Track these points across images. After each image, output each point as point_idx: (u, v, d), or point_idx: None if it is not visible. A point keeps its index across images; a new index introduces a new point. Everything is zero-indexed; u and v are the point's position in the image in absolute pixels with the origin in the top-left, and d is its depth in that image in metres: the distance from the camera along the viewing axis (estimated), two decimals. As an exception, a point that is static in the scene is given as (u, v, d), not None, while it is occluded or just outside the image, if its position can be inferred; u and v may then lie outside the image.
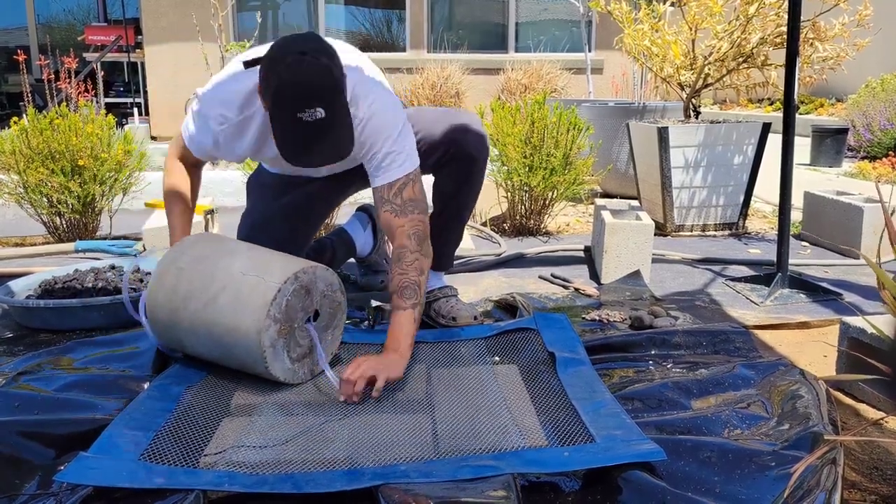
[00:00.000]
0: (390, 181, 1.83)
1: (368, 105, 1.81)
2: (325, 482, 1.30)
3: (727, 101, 9.62)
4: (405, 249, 1.81)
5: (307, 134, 1.61)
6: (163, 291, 1.79)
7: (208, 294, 1.72)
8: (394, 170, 1.83)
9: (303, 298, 1.74)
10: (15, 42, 10.15)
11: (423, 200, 1.86)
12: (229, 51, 5.67)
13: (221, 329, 1.69)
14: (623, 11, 3.98)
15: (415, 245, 1.81)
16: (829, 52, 3.57)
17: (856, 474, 1.45)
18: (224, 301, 1.70)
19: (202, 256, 1.80)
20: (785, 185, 2.55)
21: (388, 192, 1.83)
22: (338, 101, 1.63)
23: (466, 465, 1.34)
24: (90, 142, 3.33)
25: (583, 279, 2.79)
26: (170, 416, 1.56)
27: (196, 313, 1.72)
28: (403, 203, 1.83)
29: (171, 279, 1.78)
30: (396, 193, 1.83)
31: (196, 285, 1.74)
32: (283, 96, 1.60)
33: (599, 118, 4.43)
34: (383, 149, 1.82)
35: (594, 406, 1.59)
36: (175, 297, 1.76)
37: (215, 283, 1.72)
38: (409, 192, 1.83)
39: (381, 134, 1.81)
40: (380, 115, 1.82)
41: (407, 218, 1.82)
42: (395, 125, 1.83)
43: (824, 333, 2.25)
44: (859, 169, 5.49)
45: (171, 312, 1.77)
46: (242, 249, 1.82)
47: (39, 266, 2.91)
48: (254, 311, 1.66)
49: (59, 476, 1.30)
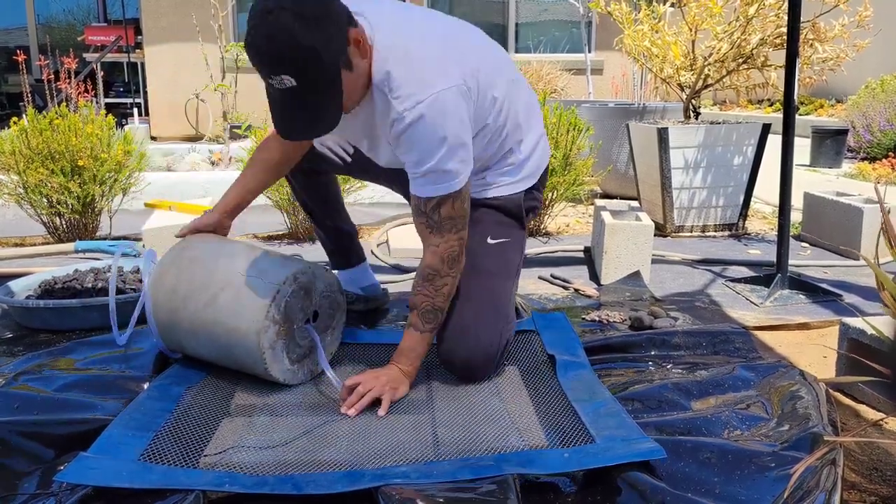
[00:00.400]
0: (428, 196, 1.61)
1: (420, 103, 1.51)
2: (325, 483, 1.30)
3: (727, 102, 9.62)
4: (436, 273, 1.65)
5: (279, 101, 1.47)
6: (163, 291, 1.78)
7: (208, 294, 1.71)
8: (435, 186, 1.60)
9: (302, 299, 1.74)
10: (15, 42, 10.15)
11: (463, 217, 1.64)
12: (229, 51, 5.67)
13: (221, 329, 1.69)
14: (623, 12, 3.98)
15: (447, 269, 1.65)
16: (828, 53, 3.57)
17: (855, 475, 1.45)
18: (223, 301, 1.70)
19: (202, 257, 1.79)
20: (785, 185, 2.55)
21: (425, 205, 1.62)
22: (315, 70, 1.42)
23: (467, 466, 1.35)
24: (90, 142, 3.33)
25: (583, 280, 2.79)
26: (170, 417, 1.56)
27: (196, 314, 1.72)
28: (441, 220, 1.62)
29: (171, 279, 1.78)
30: (434, 209, 1.61)
31: (196, 285, 1.74)
32: (252, 58, 1.44)
33: (599, 119, 4.43)
34: (425, 163, 1.56)
35: (594, 406, 1.59)
36: (175, 298, 1.76)
37: (215, 284, 1.72)
38: (448, 209, 1.61)
39: (425, 144, 1.54)
40: (431, 121, 1.52)
41: (443, 238, 1.63)
42: (445, 140, 1.54)
43: (824, 334, 2.25)
44: (859, 170, 5.49)
45: (171, 313, 1.77)
46: (242, 250, 1.81)
47: (39, 266, 2.91)
48: (253, 312, 1.66)
49: (59, 476, 1.30)
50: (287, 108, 1.47)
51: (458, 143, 1.57)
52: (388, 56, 1.53)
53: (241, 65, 5.72)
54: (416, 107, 1.51)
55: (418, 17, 1.70)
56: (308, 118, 1.48)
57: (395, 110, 1.53)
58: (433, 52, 1.57)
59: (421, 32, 1.63)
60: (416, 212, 1.65)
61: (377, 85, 1.55)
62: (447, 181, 1.59)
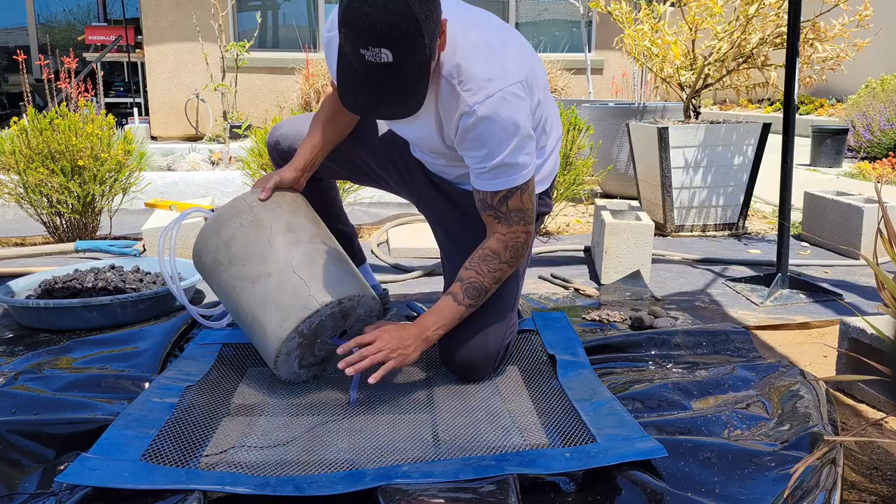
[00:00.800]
0: (494, 190, 1.60)
1: (491, 97, 1.50)
2: (327, 484, 1.30)
3: (727, 102, 9.62)
4: (495, 256, 1.65)
5: (366, 75, 1.39)
6: (216, 239, 1.74)
7: (253, 270, 1.67)
8: (501, 180, 1.58)
9: (337, 320, 1.70)
10: (15, 42, 10.15)
11: (531, 210, 1.63)
12: (229, 51, 5.67)
13: (249, 313, 1.67)
14: (623, 12, 3.98)
15: (507, 256, 1.65)
16: (828, 53, 3.58)
17: (855, 475, 1.45)
18: (264, 288, 1.65)
19: (269, 225, 1.71)
20: (785, 185, 2.55)
21: (491, 198, 1.61)
22: (414, 50, 1.37)
23: (468, 466, 1.35)
24: (90, 142, 3.33)
25: (583, 279, 2.79)
26: (170, 417, 1.56)
27: (235, 280, 1.69)
28: (508, 212, 1.61)
29: (229, 232, 1.73)
30: (501, 201, 1.61)
31: (246, 253, 1.69)
32: (349, 24, 1.36)
33: (599, 118, 4.43)
34: (495, 156, 1.55)
35: (594, 405, 1.59)
36: (223, 253, 1.72)
37: (264, 264, 1.67)
38: (517, 201, 1.61)
39: (496, 139, 1.53)
40: (504, 115, 1.51)
41: (510, 228, 1.63)
42: (517, 133, 1.53)
43: (824, 334, 2.26)
44: (859, 169, 5.49)
45: (215, 263, 1.74)
46: (307, 238, 1.72)
47: (39, 266, 2.91)
48: (284, 319, 1.62)
49: (60, 477, 1.29)
50: (373, 84, 1.40)
51: (527, 134, 1.56)
52: (458, 48, 1.52)
53: (241, 64, 5.72)
54: (487, 100, 1.50)
55: (478, 12, 1.66)
56: (393, 98, 1.42)
57: (466, 103, 1.51)
58: (499, 48, 1.57)
59: (486, 28, 1.61)
60: (482, 205, 1.64)
61: (445, 76, 1.53)
62: (515, 174, 1.58)
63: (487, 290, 1.68)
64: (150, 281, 2.53)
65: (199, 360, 1.86)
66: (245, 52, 5.65)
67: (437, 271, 2.86)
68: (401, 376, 1.79)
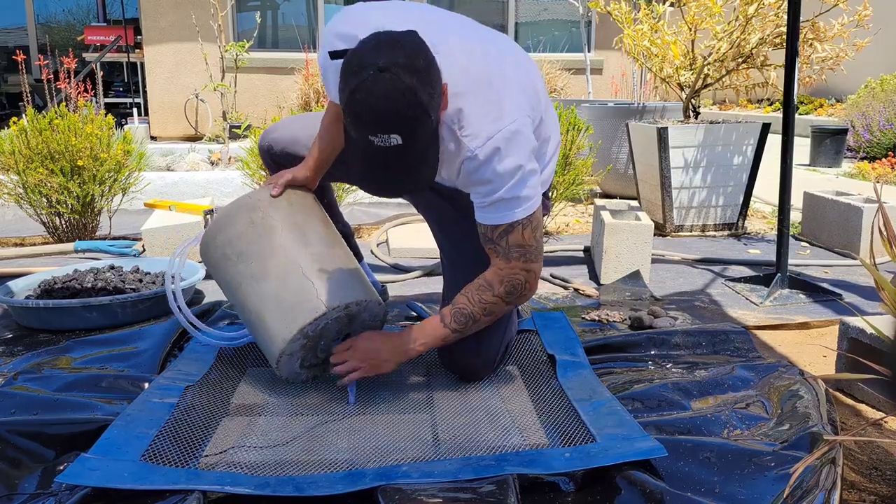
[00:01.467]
0: (494, 224, 1.57)
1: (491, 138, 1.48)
2: (326, 484, 1.30)
3: (727, 102, 9.62)
4: (489, 288, 1.61)
5: (376, 158, 1.38)
6: (224, 234, 1.72)
7: (261, 268, 1.66)
8: (502, 213, 1.55)
9: (342, 323, 1.70)
10: (14, 42, 10.15)
11: (533, 247, 1.58)
12: (228, 51, 5.67)
13: (254, 311, 1.66)
14: (623, 12, 3.98)
15: (500, 291, 1.60)
16: (828, 53, 3.58)
17: (855, 474, 1.45)
18: (270, 288, 1.64)
19: (277, 225, 1.69)
20: (784, 185, 2.55)
21: (491, 232, 1.58)
22: (422, 129, 1.37)
23: (468, 466, 1.35)
24: (89, 142, 3.33)
25: (582, 279, 2.79)
26: (170, 417, 1.56)
27: (242, 276, 1.68)
28: (508, 248, 1.57)
29: (239, 227, 1.71)
30: (501, 236, 1.57)
31: (255, 250, 1.67)
32: (354, 115, 1.36)
33: (599, 118, 4.43)
34: (495, 192, 1.52)
35: (594, 405, 1.59)
36: (231, 247, 1.70)
37: (273, 263, 1.65)
38: (518, 236, 1.56)
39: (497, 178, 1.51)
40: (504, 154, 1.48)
41: (508, 263, 1.59)
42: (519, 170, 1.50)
43: (824, 334, 2.26)
44: (859, 169, 5.49)
45: (222, 258, 1.72)
46: (317, 239, 1.70)
47: (39, 266, 2.91)
48: (290, 321, 1.62)
49: (60, 477, 1.30)
50: (385, 166, 1.40)
51: (530, 170, 1.53)
52: (459, 91, 1.48)
53: (240, 65, 5.72)
54: (488, 143, 1.48)
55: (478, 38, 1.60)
56: (406, 176, 1.42)
57: (468, 148, 1.49)
58: (499, 84, 1.53)
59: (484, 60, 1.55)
60: (484, 239, 1.61)
61: (446, 122, 1.50)
62: (516, 207, 1.54)
63: (476, 321, 1.63)
64: (150, 281, 2.53)
65: (199, 360, 1.86)
66: (244, 52, 5.65)
67: (436, 271, 2.86)
68: (400, 377, 1.79)
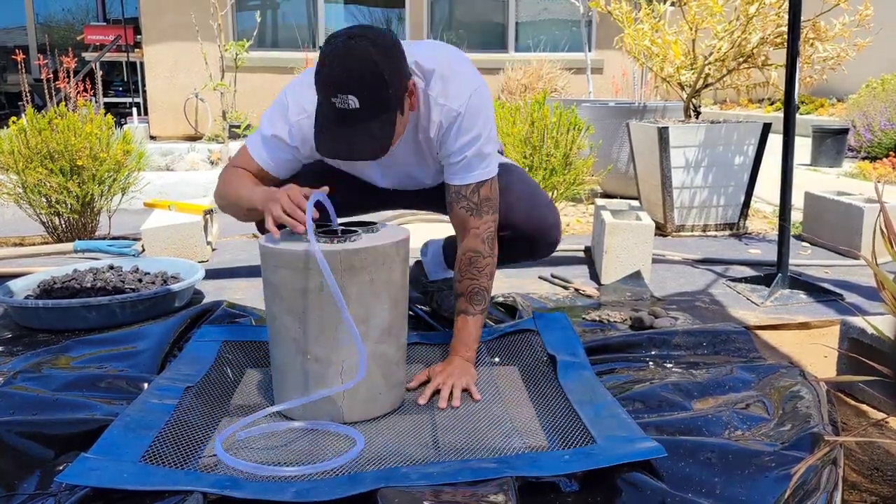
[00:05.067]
0: (467, 182, 1.78)
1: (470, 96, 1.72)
2: (327, 488, 1.29)
3: (727, 101, 9.61)
4: (478, 254, 1.78)
5: (336, 121, 1.56)
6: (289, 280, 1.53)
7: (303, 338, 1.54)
8: (477, 172, 1.77)
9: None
10: (14, 41, 10.15)
11: (496, 200, 1.82)
12: (228, 50, 5.67)
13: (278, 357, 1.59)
14: (623, 11, 3.98)
15: (487, 249, 1.79)
16: (829, 52, 3.57)
17: (856, 475, 1.44)
18: (302, 362, 1.55)
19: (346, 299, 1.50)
20: (785, 185, 2.55)
21: (465, 189, 1.78)
22: (378, 96, 1.54)
23: (468, 468, 1.34)
24: (89, 142, 3.32)
25: (583, 279, 2.79)
26: (170, 417, 1.55)
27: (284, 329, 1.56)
28: (480, 202, 1.78)
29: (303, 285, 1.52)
30: (474, 191, 1.78)
31: (308, 319, 1.53)
32: (320, 75, 1.55)
33: (599, 118, 4.42)
34: (471, 146, 1.74)
35: (594, 407, 1.59)
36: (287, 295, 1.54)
37: (318, 343, 1.54)
38: (487, 190, 1.79)
39: (475, 129, 1.74)
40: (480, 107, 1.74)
41: (482, 220, 1.79)
42: (489, 124, 1.78)
43: (825, 334, 2.25)
44: (860, 169, 5.49)
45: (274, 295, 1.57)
46: (379, 331, 1.57)
47: (38, 266, 2.91)
48: (303, 407, 1.56)
49: (60, 477, 1.29)
50: (342, 128, 1.56)
51: (493, 130, 1.81)
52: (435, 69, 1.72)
53: (240, 64, 5.72)
54: (469, 99, 1.72)
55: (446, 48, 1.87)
56: (362, 140, 1.57)
57: (452, 110, 1.71)
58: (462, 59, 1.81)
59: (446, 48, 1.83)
60: (457, 197, 1.79)
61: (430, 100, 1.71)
62: (485, 166, 1.77)
63: (488, 289, 1.81)
64: (150, 281, 2.53)
65: (199, 360, 1.86)
66: (244, 51, 5.65)
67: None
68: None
